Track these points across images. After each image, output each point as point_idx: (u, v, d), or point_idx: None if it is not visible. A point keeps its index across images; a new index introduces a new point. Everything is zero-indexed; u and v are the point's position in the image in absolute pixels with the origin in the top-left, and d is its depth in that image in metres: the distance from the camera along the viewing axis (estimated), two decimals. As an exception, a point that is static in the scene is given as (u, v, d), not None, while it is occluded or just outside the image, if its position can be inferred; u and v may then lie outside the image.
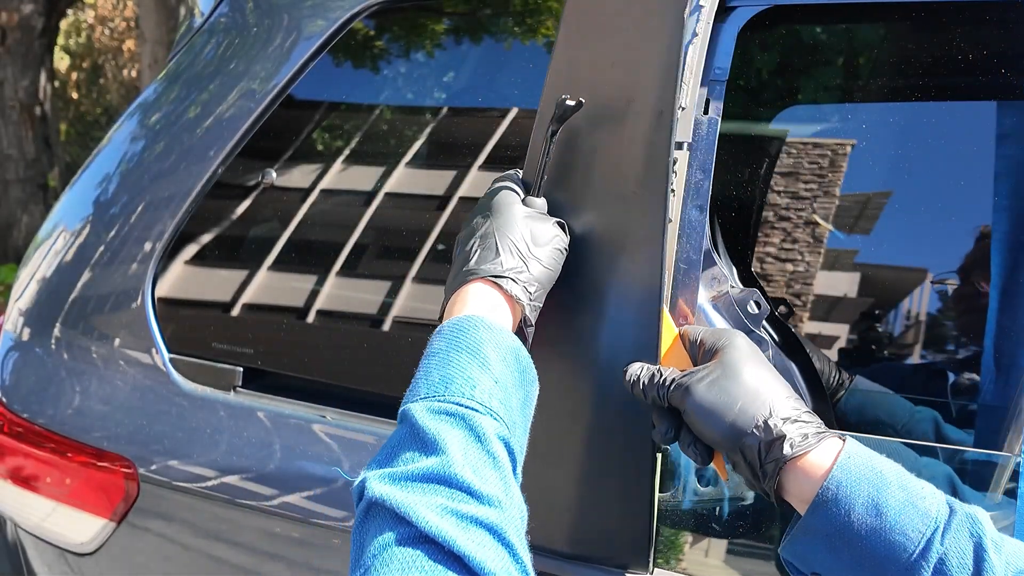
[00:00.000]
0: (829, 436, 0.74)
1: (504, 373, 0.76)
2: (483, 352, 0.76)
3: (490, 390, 0.74)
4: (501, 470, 0.70)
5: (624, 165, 0.90)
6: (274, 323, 1.32)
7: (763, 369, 0.79)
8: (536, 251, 0.86)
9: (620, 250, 0.89)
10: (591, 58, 0.95)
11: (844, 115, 1.28)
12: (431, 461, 0.68)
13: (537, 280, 0.85)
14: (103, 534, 1.32)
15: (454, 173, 1.28)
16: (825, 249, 1.29)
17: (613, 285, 0.90)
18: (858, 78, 1.25)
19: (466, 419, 0.71)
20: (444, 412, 0.71)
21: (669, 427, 0.82)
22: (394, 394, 1.22)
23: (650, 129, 0.89)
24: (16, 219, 6.15)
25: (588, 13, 0.97)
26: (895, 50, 1.20)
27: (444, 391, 0.73)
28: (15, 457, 1.40)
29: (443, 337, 0.78)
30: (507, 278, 0.83)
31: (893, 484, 0.71)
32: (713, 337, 0.83)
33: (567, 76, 0.96)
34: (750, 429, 0.75)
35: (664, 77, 0.89)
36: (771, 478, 0.75)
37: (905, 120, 1.20)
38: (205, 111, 1.43)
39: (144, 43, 6.63)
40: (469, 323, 0.78)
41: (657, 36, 0.91)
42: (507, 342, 0.79)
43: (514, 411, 0.76)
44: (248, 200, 1.39)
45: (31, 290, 1.48)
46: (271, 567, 1.22)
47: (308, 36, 1.38)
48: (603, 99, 0.92)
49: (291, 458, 1.20)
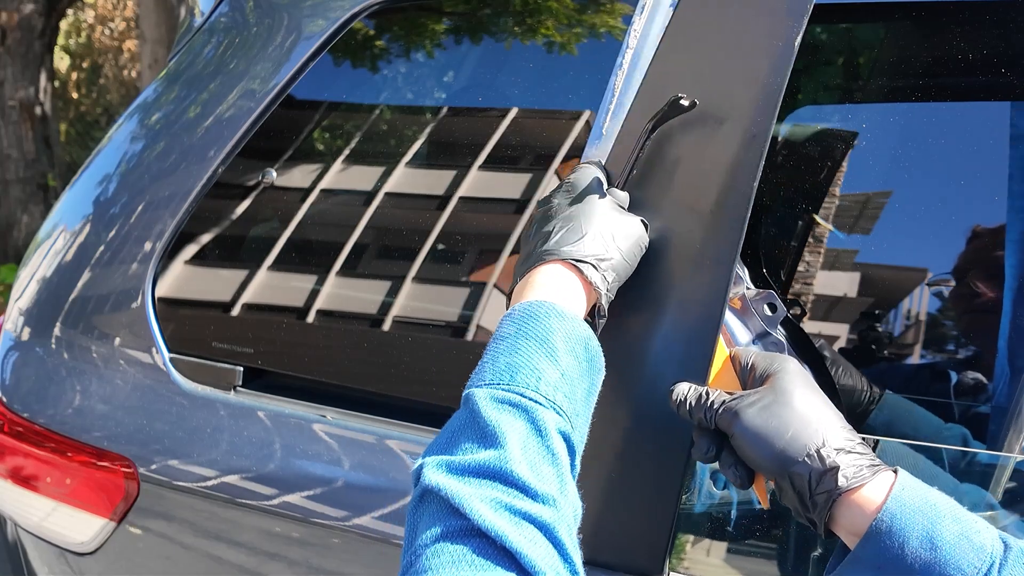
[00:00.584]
0: (883, 469, 0.73)
1: (572, 365, 0.75)
2: (552, 342, 0.74)
3: (556, 383, 0.73)
4: (559, 467, 0.70)
5: (707, 181, 0.89)
6: (274, 323, 1.32)
7: (816, 396, 0.77)
8: (620, 241, 0.84)
9: (688, 264, 0.88)
10: (694, 66, 0.94)
11: (845, 115, 1.28)
12: (489, 454, 0.67)
13: (616, 271, 0.83)
14: (103, 534, 1.32)
15: (454, 173, 1.28)
16: (826, 249, 1.29)
17: (673, 298, 0.88)
18: (859, 78, 1.25)
19: (528, 411, 0.70)
20: (507, 402, 0.70)
21: (710, 446, 0.80)
22: (394, 394, 1.23)
23: (740, 150, 0.88)
24: (16, 219, 6.15)
25: (702, 21, 0.95)
26: (906, 50, 1.20)
27: (509, 380, 0.72)
28: (15, 456, 1.40)
29: (513, 321, 0.76)
30: (588, 263, 0.82)
31: (947, 517, 0.69)
32: (765, 362, 0.82)
33: (663, 84, 0.95)
34: (801, 457, 0.73)
35: (764, 100, 0.88)
36: (822, 509, 0.73)
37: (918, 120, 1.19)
38: (205, 111, 1.43)
39: (144, 43, 6.63)
40: (541, 309, 0.77)
41: (765, 57, 0.89)
42: (579, 332, 0.77)
43: (578, 403, 0.75)
44: (248, 200, 1.39)
45: (31, 290, 1.48)
46: (271, 567, 1.22)
47: (308, 36, 1.38)
48: (699, 110, 0.91)
49: (291, 458, 1.20)
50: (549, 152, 1.23)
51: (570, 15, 1.27)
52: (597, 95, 1.05)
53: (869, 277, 1.26)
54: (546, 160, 1.23)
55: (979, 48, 1.08)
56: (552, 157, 1.22)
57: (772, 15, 0.91)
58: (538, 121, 1.27)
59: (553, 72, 1.27)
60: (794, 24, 0.89)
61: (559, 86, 1.26)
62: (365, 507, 1.14)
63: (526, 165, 1.25)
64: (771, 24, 0.90)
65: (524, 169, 1.25)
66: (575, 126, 1.22)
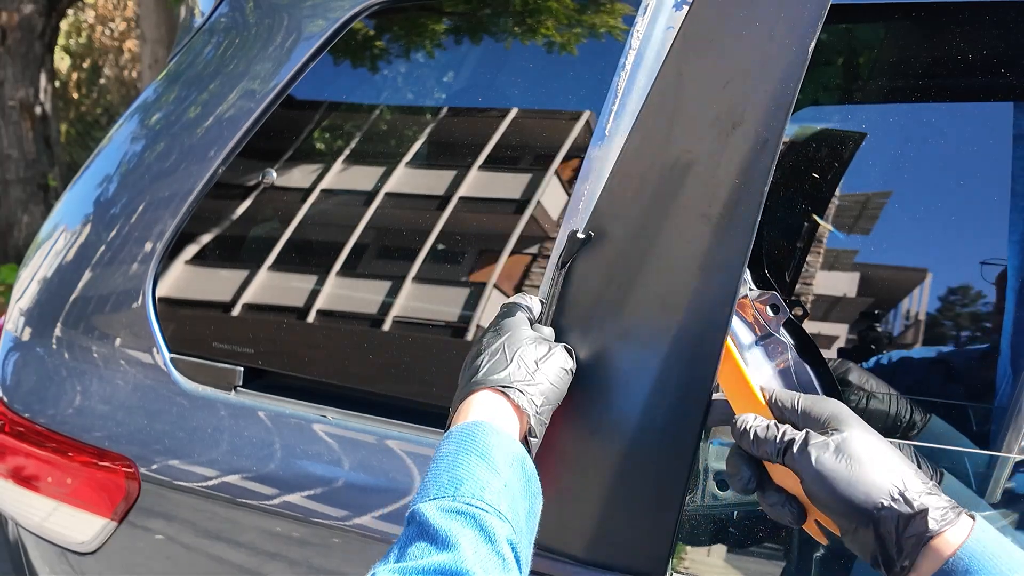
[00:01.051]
0: (964, 513, 0.73)
1: (512, 479, 0.77)
2: (492, 456, 0.77)
3: (499, 492, 0.74)
4: (509, 573, 0.71)
5: (715, 186, 0.88)
6: (274, 323, 1.33)
7: (884, 443, 0.77)
8: (544, 367, 0.87)
9: (695, 270, 0.88)
10: (705, 73, 0.93)
11: (845, 115, 1.28)
12: (443, 556, 0.68)
13: (544, 395, 0.86)
14: (104, 533, 1.32)
15: (454, 173, 1.28)
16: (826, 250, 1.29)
17: (680, 303, 0.88)
18: (858, 78, 1.25)
19: (476, 519, 0.71)
20: (455, 511, 0.72)
21: (752, 477, 0.81)
22: (394, 394, 1.23)
23: (751, 154, 0.87)
24: (16, 219, 6.15)
25: (710, 28, 0.95)
26: (906, 50, 1.20)
27: (454, 492, 0.73)
28: (16, 457, 1.40)
29: (452, 441, 0.79)
30: (515, 388, 0.85)
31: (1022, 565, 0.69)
32: (816, 405, 0.81)
33: (676, 86, 0.95)
34: (887, 502, 0.72)
35: (776, 105, 0.87)
36: (910, 553, 0.72)
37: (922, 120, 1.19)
38: (205, 111, 1.43)
39: (144, 43, 6.63)
40: (478, 428, 0.79)
41: (777, 63, 0.89)
42: (514, 449, 0.80)
43: (520, 518, 0.77)
44: (248, 200, 1.39)
45: (32, 290, 1.48)
46: (271, 566, 1.22)
47: (308, 36, 1.38)
48: (709, 117, 0.91)
49: (292, 458, 1.20)
50: (549, 152, 1.23)
51: (570, 15, 1.28)
52: (597, 95, 1.05)
53: (869, 277, 1.26)
54: (546, 160, 1.23)
55: (980, 48, 1.08)
56: (552, 157, 1.22)
57: (786, 19, 0.90)
58: (538, 121, 1.27)
59: (553, 72, 1.28)
60: (808, 28, 0.88)
61: (559, 86, 1.26)
62: (365, 507, 1.14)
63: (526, 165, 1.25)
64: (784, 27, 0.90)
65: (524, 169, 1.25)
66: (575, 126, 1.22)
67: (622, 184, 0.93)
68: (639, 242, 0.91)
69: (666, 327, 0.88)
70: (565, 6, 1.28)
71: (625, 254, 0.92)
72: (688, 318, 0.88)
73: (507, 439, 0.80)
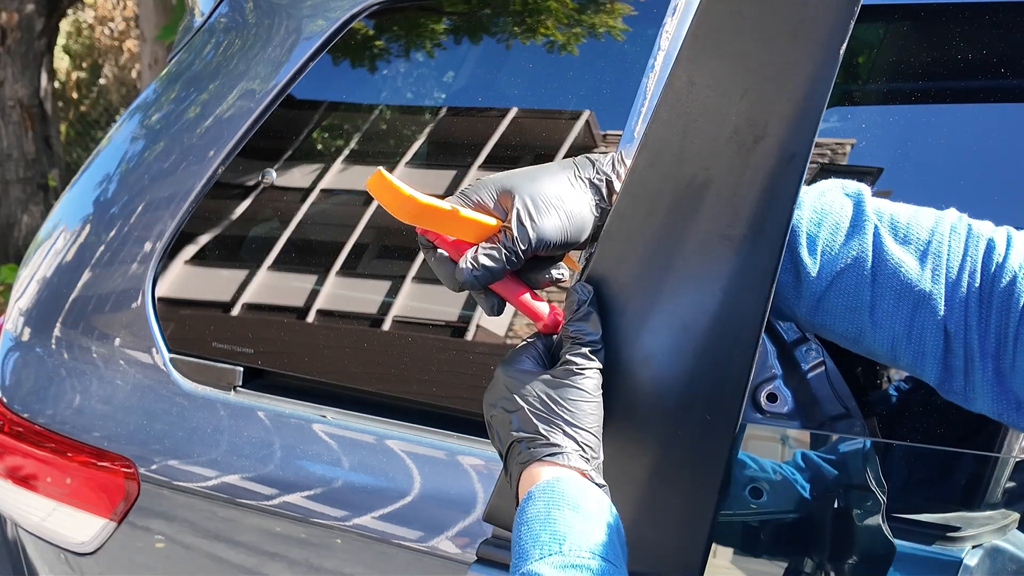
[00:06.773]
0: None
1: (605, 522, 0.76)
2: (583, 506, 0.76)
3: (600, 538, 0.74)
4: None
5: (738, 204, 0.82)
6: (274, 323, 1.32)
7: None
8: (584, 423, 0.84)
9: (716, 292, 0.84)
10: (718, 82, 0.85)
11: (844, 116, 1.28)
12: None
13: (590, 445, 0.83)
14: (103, 534, 1.32)
15: (454, 173, 1.28)
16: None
17: (706, 322, 0.84)
18: (858, 78, 1.25)
19: (591, 569, 0.71)
20: (568, 565, 0.71)
21: (497, 303, 0.85)
22: (394, 394, 1.23)
23: (777, 171, 0.81)
24: (16, 219, 6.15)
25: (722, 29, 0.86)
26: (906, 50, 1.20)
27: (559, 547, 0.73)
28: (15, 457, 1.40)
29: (537, 500, 0.77)
30: (564, 453, 0.81)
31: None
32: (483, 190, 0.90)
33: (686, 96, 0.86)
34: None
35: (804, 117, 0.80)
36: None
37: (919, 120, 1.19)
38: (205, 111, 1.43)
39: (144, 43, 6.63)
40: (558, 483, 0.77)
41: (803, 70, 0.81)
42: (596, 494, 0.78)
43: (620, 558, 0.76)
44: (248, 200, 1.39)
45: (31, 290, 1.48)
46: (271, 567, 1.22)
47: (308, 36, 1.38)
48: (727, 131, 0.83)
49: (291, 458, 1.20)
50: (549, 152, 1.23)
51: (570, 15, 1.28)
52: (597, 95, 1.05)
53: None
54: (546, 160, 1.23)
55: (981, 48, 1.07)
56: (552, 157, 1.22)
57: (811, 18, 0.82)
58: (538, 121, 1.27)
59: (553, 72, 1.28)
60: (838, 30, 0.80)
61: (559, 86, 1.26)
62: (365, 507, 1.14)
63: (526, 165, 1.25)
64: (810, 27, 0.82)
65: (524, 169, 1.24)
66: (575, 126, 1.22)
67: (633, 206, 0.87)
68: (654, 266, 0.87)
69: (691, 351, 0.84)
70: (565, 6, 1.29)
71: (640, 278, 0.88)
72: (712, 343, 0.84)
73: (587, 485, 0.78)
